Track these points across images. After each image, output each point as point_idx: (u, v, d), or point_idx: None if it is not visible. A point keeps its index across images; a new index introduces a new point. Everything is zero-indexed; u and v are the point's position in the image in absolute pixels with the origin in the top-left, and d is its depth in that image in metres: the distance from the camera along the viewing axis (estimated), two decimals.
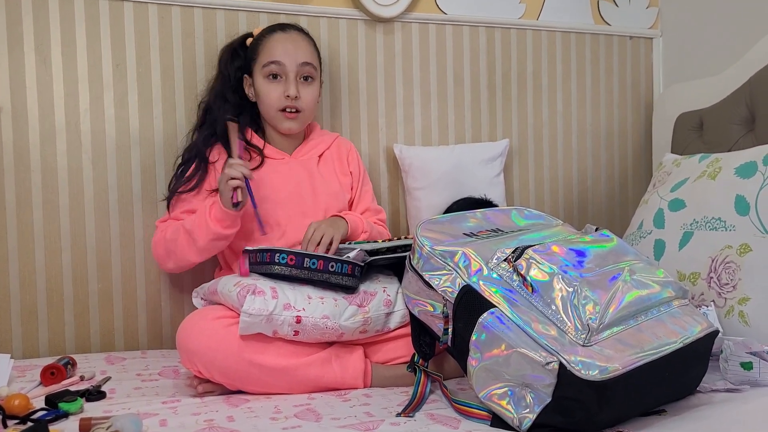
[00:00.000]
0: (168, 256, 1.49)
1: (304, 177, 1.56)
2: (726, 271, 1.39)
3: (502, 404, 1.02)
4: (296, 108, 1.54)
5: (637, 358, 0.99)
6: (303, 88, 1.55)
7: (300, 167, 1.57)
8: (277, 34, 1.57)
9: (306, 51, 1.56)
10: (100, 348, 1.61)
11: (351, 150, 1.69)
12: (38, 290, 1.56)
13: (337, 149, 1.66)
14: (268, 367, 1.24)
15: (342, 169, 1.63)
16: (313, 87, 1.57)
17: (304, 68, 1.54)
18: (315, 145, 1.63)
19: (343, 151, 1.67)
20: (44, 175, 1.57)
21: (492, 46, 1.97)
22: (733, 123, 1.76)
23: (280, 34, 1.57)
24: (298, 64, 1.53)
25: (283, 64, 1.53)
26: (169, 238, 1.47)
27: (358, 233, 1.52)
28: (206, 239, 1.42)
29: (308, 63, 1.55)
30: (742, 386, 1.18)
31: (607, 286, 1.06)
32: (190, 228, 1.44)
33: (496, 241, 1.17)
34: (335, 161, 1.64)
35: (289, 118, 1.55)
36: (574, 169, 2.09)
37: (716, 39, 1.96)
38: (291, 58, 1.53)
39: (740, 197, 1.42)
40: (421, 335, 1.24)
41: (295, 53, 1.54)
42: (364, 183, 1.69)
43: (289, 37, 1.57)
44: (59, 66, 1.58)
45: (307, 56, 1.55)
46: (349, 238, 1.49)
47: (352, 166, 1.66)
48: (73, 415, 1.12)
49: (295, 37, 1.57)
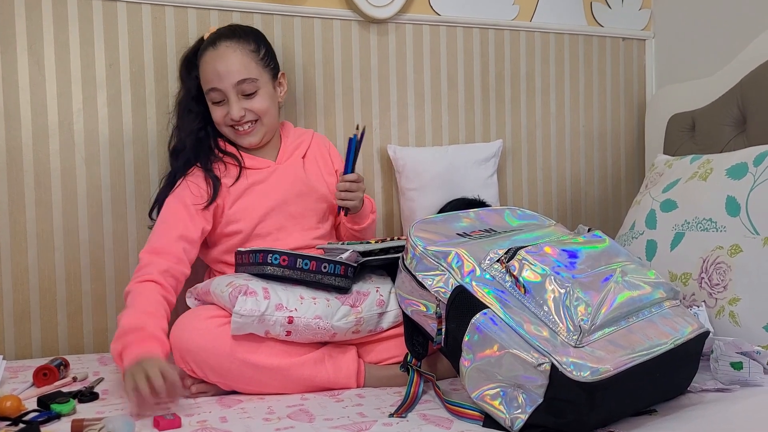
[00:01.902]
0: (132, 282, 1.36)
1: (293, 181, 1.54)
2: (717, 272, 1.39)
3: (495, 405, 1.03)
4: (249, 121, 1.50)
5: (628, 359, 0.99)
6: (248, 103, 1.48)
7: (288, 172, 1.55)
8: (208, 54, 1.49)
9: (238, 66, 1.46)
10: (93, 349, 1.61)
11: (331, 147, 1.67)
12: (31, 290, 1.56)
13: (317, 148, 1.63)
14: (261, 366, 1.24)
15: (327, 169, 1.62)
16: (260, 97, 1.49)
17: (240, 87, 1.47)
18: (296, 145, 1.60)
19: (324, 150, 1.65)
20: (37, 174, 1.57)
21: (485, 48, 1.98)
22: (724, 124, 1.77)
23: (210, 54, 1.48)
24: (233, 85, 1.46)
25: (218, 89, 1.47)
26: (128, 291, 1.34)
27: (367, 214, 1.57)
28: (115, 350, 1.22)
29: (244, 80, 1.46)
30: (732, 386, 1.19)
31: (599, 288, 1.06)
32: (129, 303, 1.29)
33: (489, 242, 1.18)
34: (319, 161, 1.61)
35: (244, 134, 1.51)
36: (567, 169, 2.09)
37: (708, 41, 1.97)
38: (225, 80, 1.46)
39: (731, 198, 1.43)
40: (414, 335, 1.24)
41: (227, 74, 1.46)
42: None
43: (218, 55, 1.47)
44: (52, 66, 1.57)
45: (241, 73, 1.46)
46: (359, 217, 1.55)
47: (337, 164, 1.65)
48: (65, 416, 1.11)
49: (224, 54, 1.47)
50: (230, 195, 1.49)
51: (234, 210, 1.49)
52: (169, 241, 1.40)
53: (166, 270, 1.35)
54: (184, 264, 1.40)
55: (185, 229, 1.42)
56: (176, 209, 1.44)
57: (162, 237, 1.41)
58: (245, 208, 1.49)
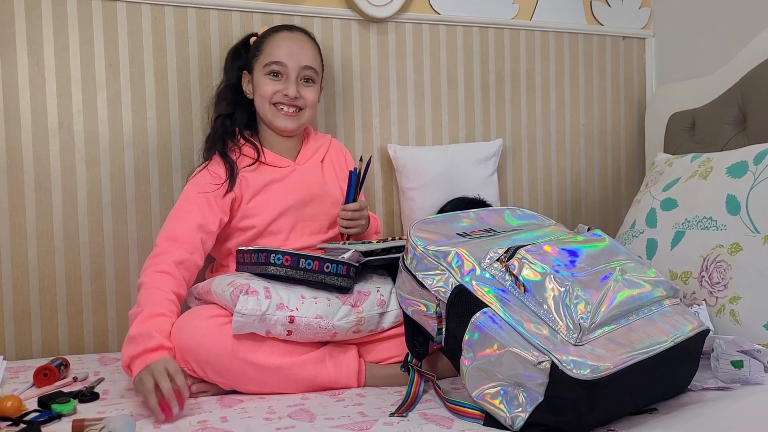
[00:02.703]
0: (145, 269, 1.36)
1: (310, 184, 1.56)
2: (717, 270, 1.39)
3: (495, 403, 1.03)
4: (297, 106, 1.54)
5: (628, 357, 0.99)
6: (303, 89, 1.54)
7: (306, 174, 1.57)
8: (283, 33, 1.56)
9: (310, 54, 1.55)
10: (93, 349, 1.61)
11: (347, 154, 1.70)
12: (31, 291, 1.56)
13: (335, 153, 1.66)
14: (262, 365, 1.24)
15: (342, 175, 1.63)
16: (313, 89, 1.56)
17: (305, 71, 1.54)
18: (316, 149, 1.63)
19: (341, 156, 1.67)
20: (37, 175, 1.57)
21: (485, 47, 1.98)
22: (724, 123, 1.77)
23: (285, 34, 1.56)
24: (300, 67, 1.53)
25: (285, 64, 1.52)
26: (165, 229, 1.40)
27: (371, 234, 1.59)
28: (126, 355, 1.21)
29: (311, 67, 1.54)
30: (733, 384, 1.19)
31: (598, 286, 1.06)
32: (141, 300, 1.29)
33: (489, 241, 1.18)
34: (335, 166, 1.64)
35: (287, 115, 1.54)
36: (568, 168, 2.09)
37: (708, 39, 1.97)
38: (294, 59, 1.52)
39: (731, 197, 1.42)
40: (414, 335, 1.24)
41: (299, 55, 1.53)
42: None
43: (295, 37, 1.56)
44: (52, 66, 1.58)
45: (310, 60, 1.54)
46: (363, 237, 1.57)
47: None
48: (66, 416, 1.12)
49: (300, 39, 1.56)
50: (249, 189, 1.50)
51: (251, 205, 1.50)
52: (187, 230, 1.40)
53: (180, 261, 1.35)
54: (199, 255, 1.40)
55: (204, 219, 1.42)
56: (196, 197, 1.44)
57: (180, 224, 1.40)
58: (262, 205, 1.50)
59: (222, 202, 1.46)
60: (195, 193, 1.45)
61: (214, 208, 1.45)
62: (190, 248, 1.38)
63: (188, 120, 1.68)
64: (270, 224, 1.50)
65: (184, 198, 1.45)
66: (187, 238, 1.39)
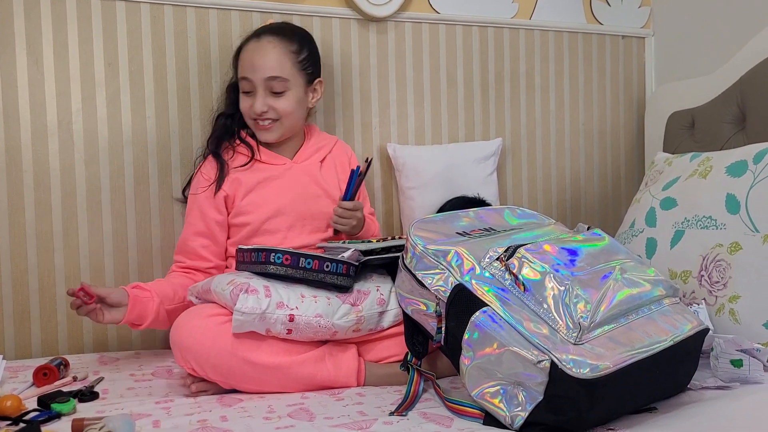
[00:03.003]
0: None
1: (307, 182, 1.55)
2: (717, 270, 1.39)
3: (495, 402, 1.03)
4: (270, 118, 1.51)
5: (628, 356, 0.99)
6: (273, 101, 1.50)
7: (303, 172, 1.56)
8: (250, 43, 1.52)
9: (273, 63, 1.48)
10: (93, 348, 1.61)
11: (352, 156, 1.69)
12: (30, 291, 1.56)
13: (339, 154, 1.65)
14: (262, 364, 1.24)
15: (344, 177, 1.61)
16: (286, 98, 1.50)
17: (270, 83, 1.48)
18: (316, 149, 1.62)
19: (345, 158, 1.66)
20: (36, 174, 1.56)
21: (485, 46, 1.98)
22: (724, 122, 1.77)
23: (251, 44, 1.52)
24: (263, 79, 1.48)
25: (250, 79, 1.49)
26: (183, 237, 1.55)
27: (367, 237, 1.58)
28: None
29: (274, 77, 1.48)
30: (732, 383, 1.19)
31: (598, 285, 1.07)
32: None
33: (489, 240, 1.18)
34: (337, 167, 1.62)
35: (263, 129, 1.53)
36: (567, 168, 2.09)
37: (708, 38, 1.97)
38: (258, 72, 1.48)
39: (731, 196, 1.43)
40: (414, 334, 1.24)
41: (261, 67, 1.48)
42: (363, 188, 1.69)
43: (258, 47, 1.50)
44: (51, 65, 1.57)
45: (274, 69, 1.48)
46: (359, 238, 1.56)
47: None
48: (65, 415, 1.11)
49: (263, 48, 1.49)
50: (242, 187, 1.51)
51: (245, 202, 1.51)
52: (188, 239, 1.52)
53: (187, 267, 1.52)
54: (203, 259, 1.52)
55: (199, 225, 1.52)
56: (191, 206, 1.54)
57: (183, 234, 1.54)
58: (256, 202, 1.51)
59: (213, 201, 1.51)
60: (191, 200, 1.54)
61: (206, 211, 1.52)
62: (192, 256, 1.52)
63: (187, 119, 1.67)
64: (265, 222, 1.51)
65: (187, 207, 1.56)
66: (187, 247, 1.52)
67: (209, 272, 1.50)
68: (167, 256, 1.64)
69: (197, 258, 1.51)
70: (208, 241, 1.51)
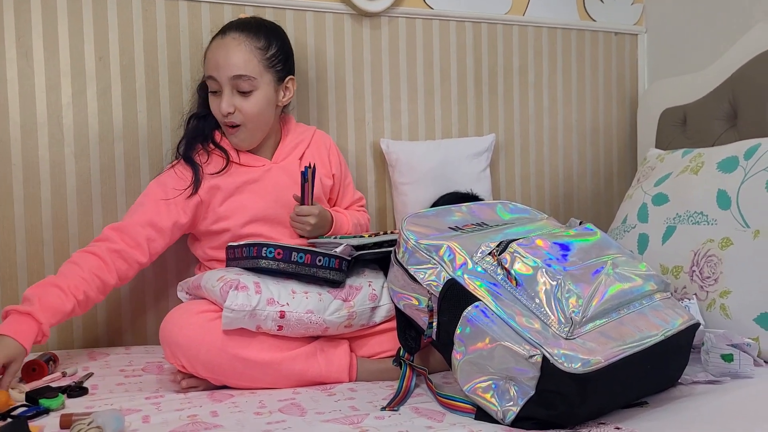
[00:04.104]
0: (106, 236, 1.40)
1: (288, 184, 1.50)
2: (708, 265, 1.40)
3: (486, 397, 1.02)
4: (235, 122, 1.45)
5: (619, 351, 0.99)
6: (240, 102, 1.43)
7: (282, 173, 1.51)
8: (215, 41, 1.46)
9: (239, 60, 1.42)
10: (82, 344, 1.60)
11: (331, 147, 1.63)
12: (20, 285, 1.55)
13: (317, 148, 1.59)
14: (253, 361, 1.23)
15: (325, 172, 1.58)
16: (254, 97, 1.44)
17: (235, 82, 1.42)
18: (294, 145, 1.56)
19: (324, 151, 1.60)
20: (26, 169, 1.55)
21: (479, 42, 1.97)
22: (715, 118, 1.78)
23: (216, 42, 1.46)
24: (229, 78, 1.42)
25: (215, 78, 1.44)
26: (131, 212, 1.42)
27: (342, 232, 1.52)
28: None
29: (240, 76, 1.42)
30: (723, 378, 1.19)
31: (590, 280, 1.06)
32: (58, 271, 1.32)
33: (481, 235, 1.18)
34: (317, 162, 1.54)
35: (230, 132, 1.48)
36: (560, 163, 2.10)
37: (700, 35, 1.97)
38: (222, 71, 1.42)
39: (722, 192, 1.43)
40: (406, 329, 1.24)
41: (225, 66, 1.42)
42: (345, 178, 1.66)
43: (223, 44, 1.44)
44: (41, 59, 1.56)
45: (239, 67, 1.41)
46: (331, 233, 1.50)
47: (335, 167, 1.62)
48: (54, 411, 1.11)
49: (228, 45, 1.43)
50: (220, 193, 1.46)
51: (224, 208, 1.46)
52: (136, 224, 1.40)
53: (117, 251, 1.37)
54: (142, 251, 1.39)
55: (156, 216, 1.41)
56: (155, 194, 1.43)
57: (131, 217, 1.41)
58: (236, 207, 1.46)
59: (184, 203, 1.44)
60: (154, 190, 1.44)
61: (170, 207, 1.43)
62: (131, 243, 1.39)
63: (179, 113, 1.66)
64: (244, 226, 1.46)
65: (144, 194, 1.45)
66: (131, 232, 1.39)
67: (136, 263, 1.39)
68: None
69: (135, 246, 1.38)
70: (156, 235, 1.41)
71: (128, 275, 1.39)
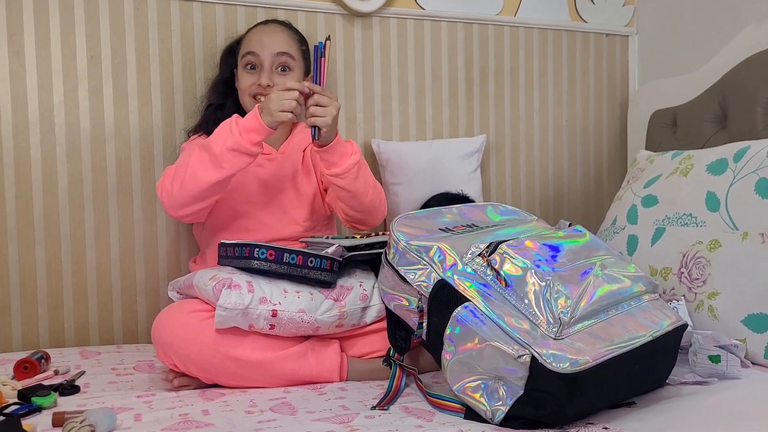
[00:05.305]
0: (173, 181, 1.37)
1: (291, 174, 1.56)
2: (696, 267, 1.41)
3: (476, 397, 1.03)
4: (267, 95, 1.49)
5: (607, 351, 1.00)
6: (278, 78, 1.54)
7: (287, 163, 1.57)
8: (258, 27, 1.60)
9: (282, 41, 1.56)
10: (74, 342, 1.60)
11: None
12: (11, 284, 1.54)
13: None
14: (244, 360, 1.23)
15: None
16: (290, 77, 1.55)
17: (279, 58, 1.54)
18: (300, 139, 1.62)
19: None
20: (17, 168, 1.55)
21: (470, 42, 1.98)
22: (705, 120, 1.79)
23: (260, 27, 1.60)
24: (272, 54, 1.54)
25: (257, 54, 1.54)
26: (178, 165, 1.41)
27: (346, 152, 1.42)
28: (223, 147, 1.33)
29: (284, 53, 1.55)
30: (710, 379, 1.20)
31: (578, 281, 1.07)
32: (205, 143, 1.38)
33: (471, 237, 1.18)
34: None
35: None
36: (551, 165, 2.11)
37: (691, 37, 1.99)
38: (266, 48, 1.54)
39: (711, 194, 1.44)
40: (396, 329, 1.24)
41: (270, 44, 1.54)
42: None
43: (267, 28, 1.59)
44: (33, 57, 1.56)
45: (283, 46, 1.55)
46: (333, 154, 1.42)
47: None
48: (46, 409, 1.11)
49: (272, 29, 1.59)
50: None
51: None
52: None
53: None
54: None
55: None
56: (191, 147, 1.48)
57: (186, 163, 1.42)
58: (237, 186, 1.48)
59: None
60: (192, 145, 1.49)
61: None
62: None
63: (170, 112, 1.66)
64: (244, 205, 1.50)
65: (185, 153, 1.48)
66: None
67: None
68: (150, 249, 1.63)
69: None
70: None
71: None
